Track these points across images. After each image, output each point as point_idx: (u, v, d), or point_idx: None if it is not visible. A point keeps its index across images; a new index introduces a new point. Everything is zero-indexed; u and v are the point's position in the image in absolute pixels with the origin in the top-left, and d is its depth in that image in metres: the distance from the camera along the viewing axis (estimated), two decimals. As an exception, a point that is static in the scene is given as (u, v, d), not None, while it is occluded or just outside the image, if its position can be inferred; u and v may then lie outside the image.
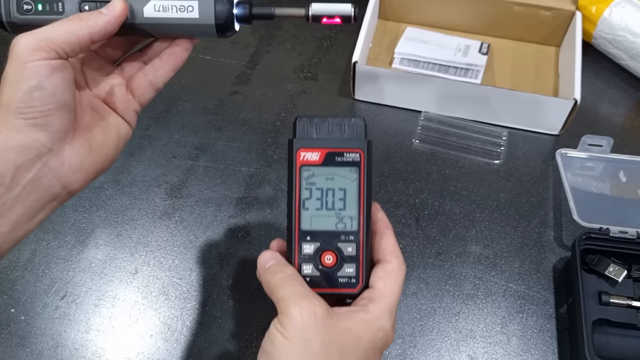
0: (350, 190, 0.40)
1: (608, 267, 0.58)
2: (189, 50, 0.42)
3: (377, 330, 0.37)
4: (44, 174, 0.36)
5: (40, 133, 0.35)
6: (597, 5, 0.77)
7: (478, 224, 0.65)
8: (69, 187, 0.38)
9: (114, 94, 0.41)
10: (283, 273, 0.38)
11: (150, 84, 0.42)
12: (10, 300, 0.59)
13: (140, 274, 0.62)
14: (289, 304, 0.36)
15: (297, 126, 0.40)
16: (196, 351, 0.56)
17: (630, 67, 0.78)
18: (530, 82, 0.78)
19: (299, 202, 0.40)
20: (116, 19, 0.37)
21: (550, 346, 0.57)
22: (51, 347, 0.57)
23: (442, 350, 0.57)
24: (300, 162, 0.40)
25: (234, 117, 0.75)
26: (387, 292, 0.39)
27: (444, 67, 0.78)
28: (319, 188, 0.40)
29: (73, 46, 0.36)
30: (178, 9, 0.38)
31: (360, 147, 0.40)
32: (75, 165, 0.38)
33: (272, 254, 0.41)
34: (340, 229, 0.40)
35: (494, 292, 0.60)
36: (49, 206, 0.38)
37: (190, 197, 0.68)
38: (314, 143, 0.40)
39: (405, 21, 0.85)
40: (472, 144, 0.72)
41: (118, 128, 0.41)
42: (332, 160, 0.40)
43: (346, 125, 0.40)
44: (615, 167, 0.68)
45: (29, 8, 0.38)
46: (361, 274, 0.40)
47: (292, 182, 0.40)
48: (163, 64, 0.42)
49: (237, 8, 0.39)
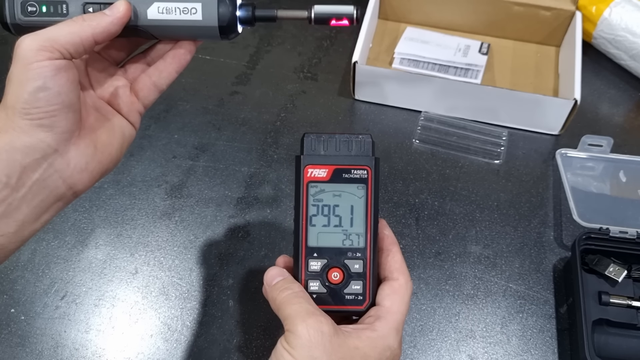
0: (358, 207, 0.40)
1: (608, 267, 0.58)
2: (192, 52, 0.42)
3: (384, 349, 0.37)
4: (49, 174, 0.37)
5: (46, 134, 0.36)
6: (597, 5, 0.77)
7: (478, 224, 0.65)
8: (74, 188, 0.38)
9: (118, 95, 0.42)
10: (290, 290, 0.38)
11: (154, 86, 0.42)
12: (10, 300, 0.59)
13: (140, 274, 0.62)
14: (295, 321, 0.36)
15: (304, 142, 0.40)
16: (196, 351, 0.56)
17: (630, 67, 0.78)
18: (530, 82, 0.78)
19: (306, 219, 0.40)
20: (119, 20, 0.37)
21: (550, 346, 0.57)
22: (51, 347, 0.57)
23: (442, 350, 0.57)
24: (307, 178, 0.40)
25: (234, 117, 0.75)
26: (394, 309, 0.39)
27: (444, 67, 0.78)
28: (326, 205, 0.40)
29: (77, 47, 0.36)
30: (181, 11, 0.38)
31: (367, 164, 0.40)
32: (81, 166, 0.38)
33: (278, 270, 0.41)
34: (347, 246, 0.40)
35: (494, 292, 0.60)
36: (54, 207, 0.38)
37: (190, 197, 0.68)
38: (322, 160, 0.40)
39: (405, 21, 0.85)
40: (472, 144, 0.72)
41: (122, 129, 0.41)
42: (340, 177, 0.40)
43: (353, 142, 0.40)
44: (615, 167, 0.68)
45: (33, 10, 0.38)
46: (368, 291, 0.40)
47: (300, 198, 0.40)
48: (167, 65, 0.42)
49: (240, 10, 0.39)
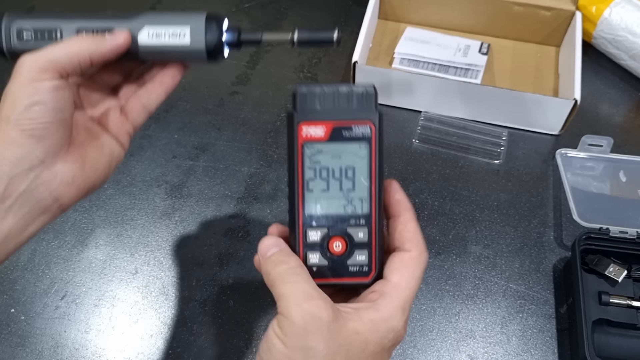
0: (360, 168, 0.36)
1: (608, 267, 0.58)
2: (180, 75, 0.43)
3: (387, 332, 0.34)
4: (36, 186, 0.37)
5: (36, 145, 0.36)
6: (597, 5, 0.77)
7: (478, 224, 0.65)
8: (60, 201, 0.39)
9: (109, 116, 0.42)
10: (286, 265, 0.35)
11: (143, 108, 0.43)
12: (10, 300, 0.59)
13: (140, 274, 0.62)
14: (290, 304, 0.32)
15: (297, 97, 0.36)
16: (196, 351, 0.56)
17: (630, 67, 0.78)
18: (530, 82, 0.78)
19: (302, 184, 0.36)
20: (118, 47, 0.39)
21: (550, 346, 0.57)
22: (51, 347, 0.57)
23: (442, 350, 0.57)
24: (302, 138, 0.36)
25: (234, 117, 0.75)
26: (402, 285, 0.35)
27: (444, 67, 0.78)
28: (324, 167, 0.36)
29: (74, 67, 0.37)
30: (170, 35, 0.39)
31: (370, 119, 0.35)
32: (68, 179, 0.38)
33: (275, 240, 0.37)
34: (350, 213, 0.36)
35: (494, 292, 0.60)
36: (40, 219, 0.38)
37: (190, 197, 0.68)
38: (318, 116, 0.36)
39: (405, 21, 0.85)
40: (472, 144, 0.72)
41: (111, 148, 0.42)
42: (339, 136, 0.36)
43: (354, 95, 0.36)
44: (615, 167, 0.68)
45: (29, 36, 0.39)
46: (374, 261, 0.36)
47: (294, 161, 0.36)
48: (155, 88, 0.43)
49: (227, 34, 0.40)
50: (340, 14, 0.88)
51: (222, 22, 0.40)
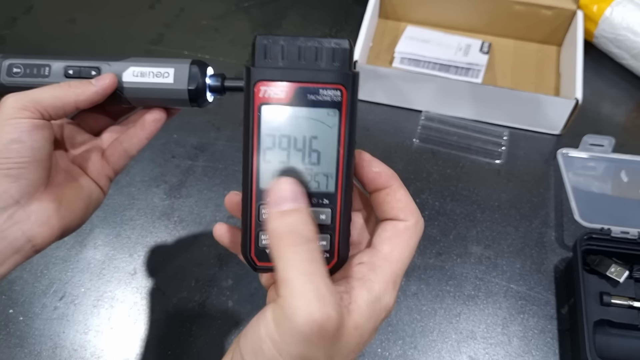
0: (327, 139, 0.31)
1: (609, 267, 0.57)
2: (163, 120, 0.43)
3: (380, 312, 0.31)
4: (9, 226, 0.37)
5: (11, 184, 0.36)
6: (598, 5, 0.77)
7: (479, 224, 0.65)
8: (33, 241, 0.38)
9: (90, 159, 0.43)
10: (304, 244, 0.28)
11: (125, 152, 0.43)
12: (9, 301, 0.59)
13: (139, 274, 0.61)
14: (297, 304, 0.27)
15: (256, 49, 0.31)
16: (196, 352, 0.56)
17: (631, 67, 0.78)
18: (532, 81, 0.78)
19: (257, 153, 0.31)
20: (104, 91, 0.39)
21: (552, 347, 0.57)
22: (50, 348, 0.56)
23: (442, 351, 0.56)
24: (259, 99, 0.31)
25: (234, 117, 0.75)
26: (393, 257, 0.32)
27: (444, 66, 0.78)
28: (284, 135, 0.31)
29: (57, 110, 0.38)
30: (155, 74, 0.40)
31: (341, 81, 0.30)
32: (42, 220, 0.38)
33: (293, 188, 0.30)
34: (313, 190, 0.31)
35: (495, 292, 0.60)
36: (12, 259, 0.38)
37: (189, 197, 0.67)
38: (279, 74, 0.30)
39: (406, 20, 0.85)
40: (473, 144, 0.72)
41: (90, 191, 0.42)
42: (304, 99, 0.30)
43: (324, 50, 0.30)
44: (617, 167, 0.68)
45: (18, 71, 0.41)
46: (336, 248, 0.32)
47: (249, 125, 0.31)
48: (137, 132, 0.43)
49: (211, 79, 0.41)
50: (340, 13, 0.88)
51: (206, 67, 0.41)
